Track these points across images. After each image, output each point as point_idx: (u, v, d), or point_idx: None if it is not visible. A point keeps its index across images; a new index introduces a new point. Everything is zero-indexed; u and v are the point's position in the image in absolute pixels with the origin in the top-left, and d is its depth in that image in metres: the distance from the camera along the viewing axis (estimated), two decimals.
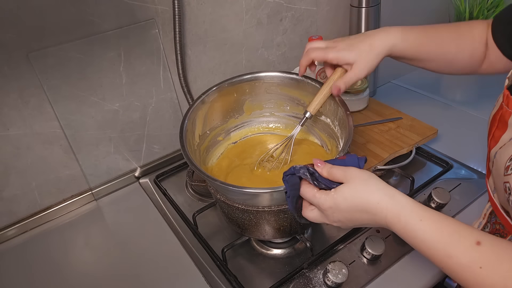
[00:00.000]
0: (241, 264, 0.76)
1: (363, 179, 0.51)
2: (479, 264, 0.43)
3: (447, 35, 0.65)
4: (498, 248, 0.44)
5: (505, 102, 0.54)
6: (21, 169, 0.83)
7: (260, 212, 0.66)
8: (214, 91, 0.80)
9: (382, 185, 0.51)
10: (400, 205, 0.48)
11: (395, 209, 0.48)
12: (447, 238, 0.46)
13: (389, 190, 0.50)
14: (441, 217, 0.47)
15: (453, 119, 1.10)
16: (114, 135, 0.90)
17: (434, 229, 0.46)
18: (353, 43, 0.65)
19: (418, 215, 0.47)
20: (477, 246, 0.44)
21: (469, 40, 0.65)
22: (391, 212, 0.49)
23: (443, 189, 0.81)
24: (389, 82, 1.31)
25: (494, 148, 0.56)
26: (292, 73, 0.81)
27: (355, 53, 0.63)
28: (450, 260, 0.45)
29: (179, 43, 0.87)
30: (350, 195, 0.51)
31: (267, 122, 0.90)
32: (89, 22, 0.78)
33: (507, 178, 0.51)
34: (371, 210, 0.50)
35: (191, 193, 0.94)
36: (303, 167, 0.54)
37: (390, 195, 0.49)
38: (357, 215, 0.51)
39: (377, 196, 0.50)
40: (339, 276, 0.67)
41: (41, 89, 0.78)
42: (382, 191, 0.50)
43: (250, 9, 0.96)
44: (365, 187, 0.51)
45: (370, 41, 0.62)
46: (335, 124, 0.76)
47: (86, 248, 0.83)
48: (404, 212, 0.48)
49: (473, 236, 0.44)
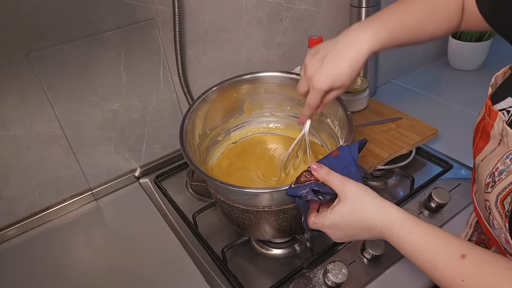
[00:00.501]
0: (241, 264, 0.76)
1: (358, 196, 0.53)
2: (462, 277, 0.45)
3: (421, 15, 0.63)
4: (481, 261, 0.45)
5: (487, 113, 0.53)
6: (21, 169, 0.83)
7: (260, 212, 0.66)
8: (214, 91, 0.80)
9: (376, 200, 0.53)
10: (392, 219, 0.51)
11: (388, 223, 0.51)
12: (434, 251, 0.47)
13: (383, 205, 0.52)
14: (431, 230, 0.49)
15: (453, 119, 1.10)
16: (114, 135, 0.90)
17: (423, 242, 0.48)
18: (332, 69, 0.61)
19: (409, 228, 0.50)
20: (461, 259, 0.45)
21: (445, 15, 0.63)
22: (385, 227, 0.51)
23: (443, 189, 0.81)
24: (389, 82, 1.31)
25: (478, 157, 0.56)
26: (292, 73, 0.81)
27: (339, 80, 0.61)
28: (436, 271, 0.47)
29: (179, 43, 0.87)
30: (346, 214, 0.53)
31: (267, 122, 0.90)
32: (89, 22, 0.78)
33: (487, 196, 0.51)
34: (367, 226, 0.52)
35: (191, 193, 0.94)
36: (308, 191, 0.56)
37: (383, 210, 0.52)
38: (356, 231, 0.54)
39: (372, 213, 0.52)
40: (339, 276, 0.67)
41: (41, 89, 0.78)
42: (375, 207, 0.52)
43: (250, 9, 0.96)
44: (359, 205, 0.53)
45: (349, 60, 0.59)
46: (335, 124, 0.76)
47: (86, 248, 0.83)
48: (396, 226, 0.50)
49: (460, 249, 0.46)
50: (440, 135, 1.00)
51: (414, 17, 0.62)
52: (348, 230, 0.54)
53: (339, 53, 0.60)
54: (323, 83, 0.61)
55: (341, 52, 0.60)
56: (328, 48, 0.62)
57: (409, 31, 0.63)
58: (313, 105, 0.65)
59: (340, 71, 0.60)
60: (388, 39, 0.61)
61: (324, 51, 0.62)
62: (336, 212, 0.54)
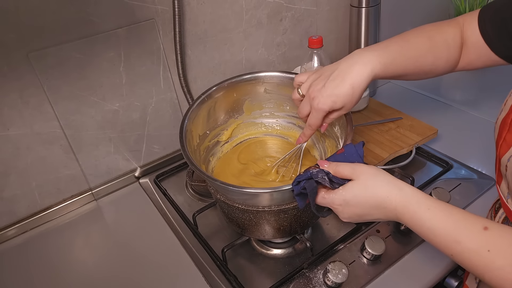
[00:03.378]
0: (241, 264, 0.76)
1: (371, 174, 0.53)
2: (487, 247, 0.44)
3: (422, 47, 0.64)
4: (505, 232, 0.45)
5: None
6: (21, 169, 0.83)
7: (260, 212, 0.66)
8: (214, 91, 0.80)
9: (390, 178, 0.53)
10: (408, 196, 0.50)
11: (404, 200, 0.50)
12: (454, 224, 0.47)
13: (397, 183, 0.52)
14: (448, 206, 0.49)
15: (453, 119, 1.10)
16: (114, 135, 0.90)
17: (441, 216, 0.48)
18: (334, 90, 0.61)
19: (426, 205, 0.49)
20: (484, 231, 0.45)
21: (444, 48, 0.65)
22: (400, 204, 0.50)
23: (443, 189, 0.81)
24: (389, 82, 1.31)
25: (508, 152, 0.55)
26: (292, 73, 0.81)
27: (340, 101, 0.61)
28: (459, 245, 0.46)
29: (179, 43, 0.87)
30: (359, 191, 0.53)
31: (267, 122, 0.90)
32: (89, 22, 0.78)
33: None
34: (381, 204, 0.52)
35: (191, 193, 0.94)
36: (320, 171, 0.55)
37: (398, 188, 0.51)
38: (367, 210, 0.53)
39: (386, 190, 0.51)
40: (339, 276, 0.67)
41: (41, 89, 0.78)
42: (390, 184, 0.52)
43: (250, 9, 0.96)
44: (373, 182, 0.52)
45: (350, 81, 0.60)
46: (335, 124, 0.76)
47: (86, 248, 0.83)
48: (412, 202, 0.50)
49: (480, 222, 0.46)
50: (440, 135, 1.00)
51: (415, 48, 0.64)
52: (360, 207, 0.53)
53: (341, 74, 0.61)
54: (323, 104, 0.61)
55: (343, 72, 0.61)
56: (332, 69, 0.62)
57: (409, 60, 0.64)
58: (314, 125, 0.65)
59: (341, 92, 0.60)
60: (390, 64, 0.62)
61: (328, 72, 0.63)
62: (349, 188, 0.53)
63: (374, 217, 0.54)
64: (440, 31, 0.66)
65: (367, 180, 0.52)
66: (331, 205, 0.55)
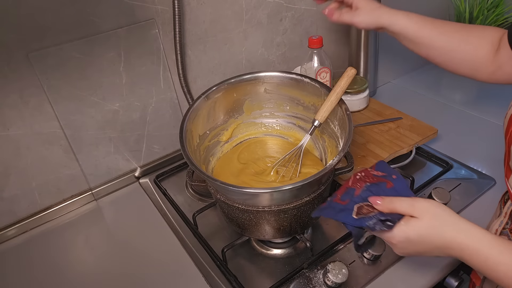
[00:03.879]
0: (241, 264, 0.76)
1: (436, 213, 0.51)
2: None
3: (453, 28, 0.66)
4: None
5: None
6: (21, 169, 0.83)
7: (260, 212, 0.66)
8: (214, 91, 0.80)
9: (456, 218, 0.51)
10: (477, 240, 0.49)
11: (472, 245, 0.49)
12: None
13: (464, 224, 0.50)
14: None
15: (453, 119, 1.10)
16: (114, 135, 0.90)
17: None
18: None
19: (497, 250, 0.48)
20: None
21: (477, 37, 0.64)
22: (468, 248, 0.49)
23: (443, 189, 0.81)
24: (389, 82, 1.31)
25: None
26: (292, 73, 0.81)
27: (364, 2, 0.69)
28: None
29: (179, 43, 0.87)
30: (425, 231, 0.51)
31: (267, 122, 0.90)
32: (89, 22, 0.78)
33: None
34: (447, 245, 0.50)
35: (191, 193, 0.94)
36: (375, 222, 0.52)
37: (465, 230, 0.50)
38: (430, 249, 0.52)
39: (453, 232, 0.50)
40: (339, 276, 0.67)
41: (41, 89, 0.78)
42: (456, 226, 0.50)
43: (250, 9, 0.96)
44: (440, 222, 0.50)
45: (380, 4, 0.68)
46: (335, 124, 0.76)
47: (86, 248, 0.83)
48: (482, 247, 0.48)
49: None
50: (440, 135, 1.00)
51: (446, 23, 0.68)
52: (422, 246, 0.52)
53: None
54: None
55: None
56: None
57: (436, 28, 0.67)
58: None
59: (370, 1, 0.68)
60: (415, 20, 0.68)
61: None
62: (413, 226, 0.51)
63: (433, 254, 0.52)
64: (479, 26, 0.67)
65: (433, 220, 0.50)
66: (389, 240, 0.54)
